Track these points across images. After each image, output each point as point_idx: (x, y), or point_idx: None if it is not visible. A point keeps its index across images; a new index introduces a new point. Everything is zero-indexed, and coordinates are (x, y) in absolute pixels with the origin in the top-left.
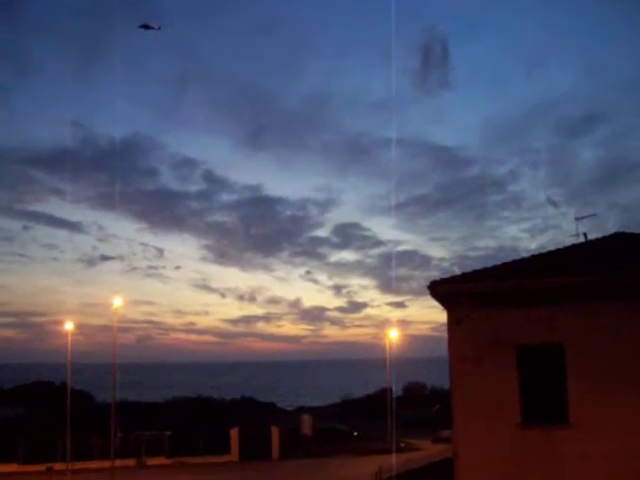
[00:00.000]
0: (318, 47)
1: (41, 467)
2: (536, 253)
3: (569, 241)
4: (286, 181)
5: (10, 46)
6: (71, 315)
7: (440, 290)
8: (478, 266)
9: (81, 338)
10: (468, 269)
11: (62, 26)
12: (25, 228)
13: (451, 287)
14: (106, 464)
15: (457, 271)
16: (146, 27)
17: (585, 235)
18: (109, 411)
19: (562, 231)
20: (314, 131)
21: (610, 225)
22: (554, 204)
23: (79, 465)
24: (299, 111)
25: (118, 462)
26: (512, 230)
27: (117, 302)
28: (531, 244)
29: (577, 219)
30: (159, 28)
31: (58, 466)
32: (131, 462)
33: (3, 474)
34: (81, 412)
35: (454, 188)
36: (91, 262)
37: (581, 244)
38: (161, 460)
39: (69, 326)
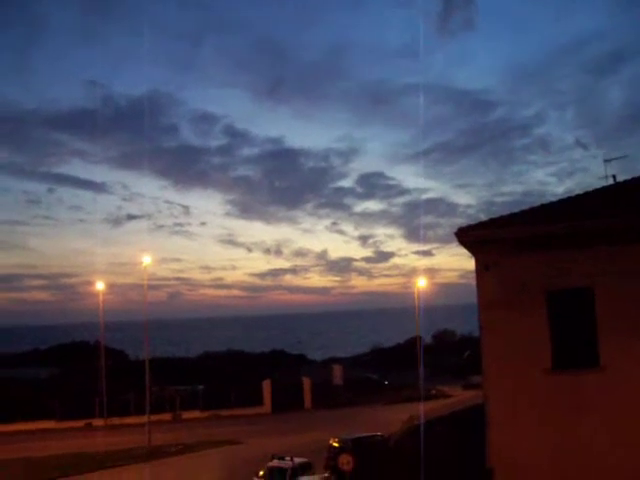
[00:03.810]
0: None
1: (79, 423)
2: (564, 197)
3: (598, 184)
4: (308, 132)
5: (25, 9)
6: (101, 275)
7: (468, 237)
8: (505, 212)
9: (112, 297)
10: (495, 215)
11: None
12: (50, 190)
13: (479, 233)
14: (142, 419)
15: (484, 218)
16: None
17: (614, 177)
18: (143, 367)
19: (590, 174)
20: (334, 81)
21: None
22: (583, 146)
23: (116, 421)
24: (318, 61)
25: (154, 417)
26: (539, 174)
27: (146, 260)
28: (559, 188)
29: (606, 161)
30: None
31: (96, 422)
32: (166, 416)
33: (43, 430)
34: (116, 369)
35: (478, 133)
36: (117, 222)
37: (610, 186)
38: (195, 413)
39: (100, 286)
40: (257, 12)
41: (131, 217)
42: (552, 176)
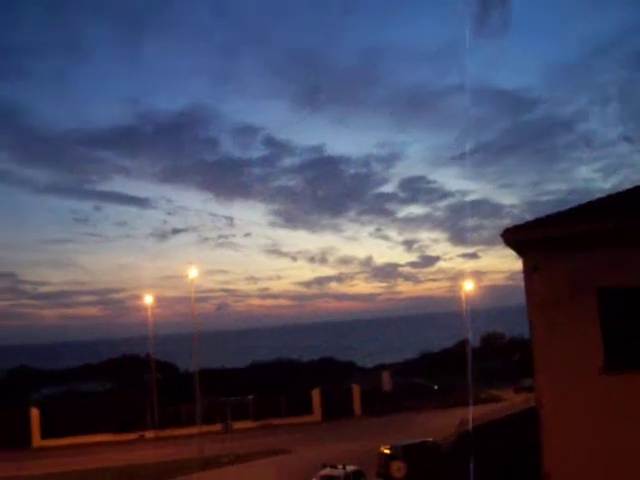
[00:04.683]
0: None
1: (133, 436)
2: (612, 193)
3: None
4: (347, 139)
5: (64, 29)
6: (148, 289)
7: (514, 238)
8: (550, 211)
9: (160, 310)
10: (540, 214)
11: (112, 3)
12: (96, 208)
13: (525, 234)
14: (193, 430)
15: (529, 217)
16: None
17: None
18: (193, 379)
19: (637, 169)
20: (372, 86)
21: None
22: (629, 140)
23: (168, 432)
24: (354, 66)
25: (204, 428)
26: (584, 171)
27: (193, 273)
28: (605, 184)
29: None
30: None
31: (149, 434)
32: (217, 427)
33: (99, 443)
34: (166, 382)
35: (520, 132)
36: (163, 236)
37: None
38: (246, 423)
39: (149, 300)
40: (291, 21)
41: (176, 231)
42: (598, 172)
